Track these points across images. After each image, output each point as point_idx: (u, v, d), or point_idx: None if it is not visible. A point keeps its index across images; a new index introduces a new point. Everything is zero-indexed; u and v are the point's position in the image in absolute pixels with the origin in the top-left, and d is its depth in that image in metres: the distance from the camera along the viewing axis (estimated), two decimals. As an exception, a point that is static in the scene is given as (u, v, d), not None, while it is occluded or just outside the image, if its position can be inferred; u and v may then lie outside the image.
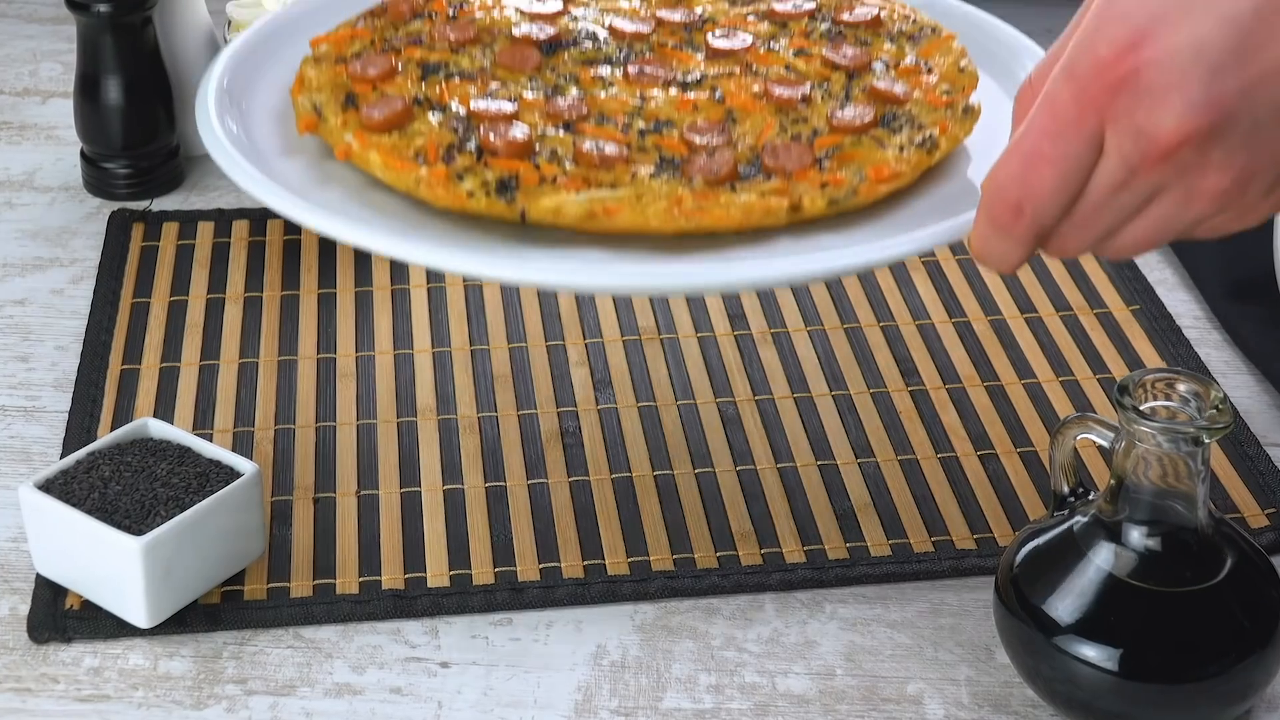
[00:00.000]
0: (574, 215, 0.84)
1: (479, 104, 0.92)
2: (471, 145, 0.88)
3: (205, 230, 1.23)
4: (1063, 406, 1.05)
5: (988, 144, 0.92)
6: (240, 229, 1.23)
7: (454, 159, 0.87)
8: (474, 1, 1.04)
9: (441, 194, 0.85)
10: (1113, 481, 0.79)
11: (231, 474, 0.90)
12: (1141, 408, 0.77)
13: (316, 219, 0.83)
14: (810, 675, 0.86)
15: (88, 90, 1.24)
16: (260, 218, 1.24)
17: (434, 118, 0.90)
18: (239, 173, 0.87)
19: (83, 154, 1.27)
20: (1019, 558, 0.82)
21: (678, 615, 0.90)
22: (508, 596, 0.90)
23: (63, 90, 1.43)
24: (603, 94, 0.94)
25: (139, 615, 0.87)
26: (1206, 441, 0.76)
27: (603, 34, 1.01)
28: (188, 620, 0.88)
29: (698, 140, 0.90)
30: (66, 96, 1.40)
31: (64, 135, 1.36)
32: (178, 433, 0.93)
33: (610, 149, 0.88)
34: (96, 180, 1.27)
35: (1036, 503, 0.97)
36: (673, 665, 0.87)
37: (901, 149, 0.89)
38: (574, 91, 0.95)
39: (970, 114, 0.93)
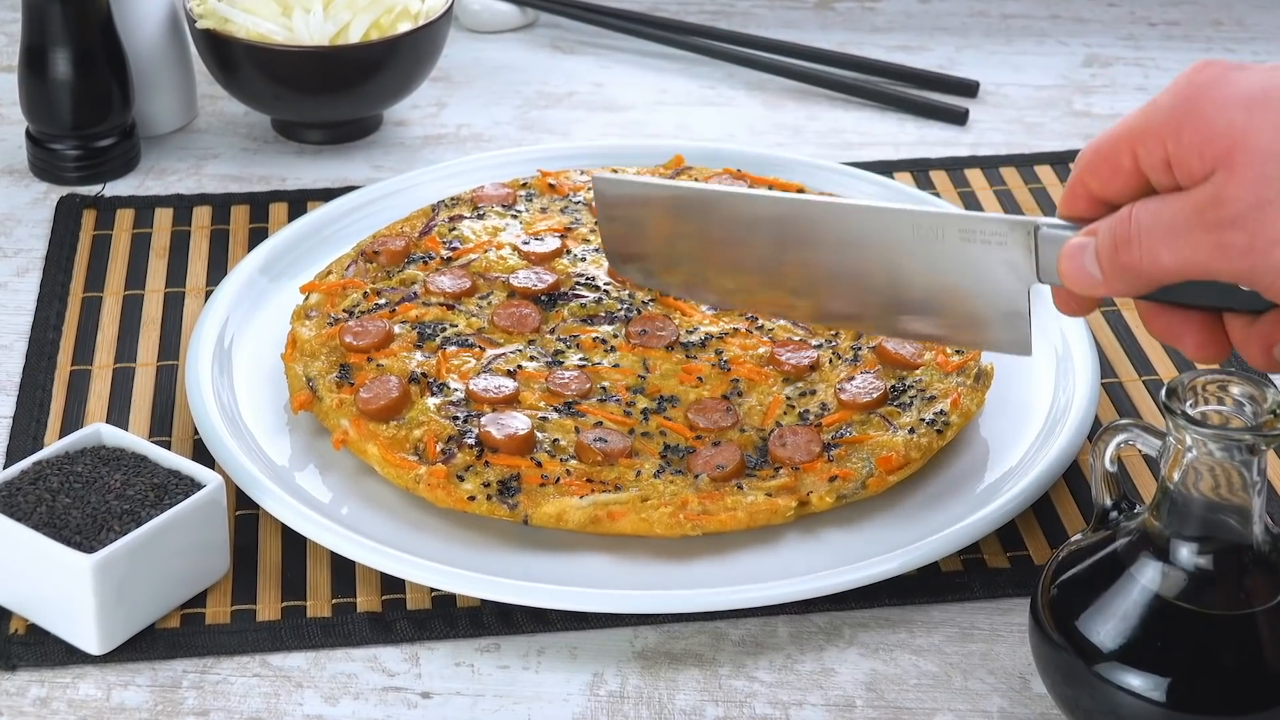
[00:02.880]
0: (577, 521, 0.92)
1: (478, 383, 0.99)
2: (471, 438, 0.95)
3: (163, 217, 1.23)
4: (1105, 411, 1.05)
5: (996, 401, 1.01)
6: (201, 216, 1.23)
7: (454, 455, 0.94)
8: (469, 239, 1.09)
9: (441, 495, 0.93)
10: (1160, 494, 0.79)
11: (192, 485, 0.90)
12: (1191, 413, 0.77)
13: (311, 529, 0.92)
14: (828, 707, 0.86)
15: (34, 64, 1.24)
16: (223, 204, 1.24)
17: (432, 402, 0.97)
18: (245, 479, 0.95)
19: (28, 134, 1.27)
20: (1057, 578, 0.82)
21: (682, 640, 0.90)
22: (495, 620, 0.90)
23: (6, 64, 1.43)
24: (604, 361, 1.01)
25: (90, 641, 0.87)
26: (1263, 450, 0.76)
27: (602, 277, 1.08)
28: (144, 646, 0.88)
29: (702, 424, 0.97)
30: (10, 71, 1.40)
31: (7, 113, 1.36)
32: (133, 440, 0.93)
33: (613, 441, 0.95)
34: (43, 162, 1.27)
35: (1076, 517, 0.97)
36: (676, 696, 0.87)
37: (911, 430, 0.96)
38: (575, 358, 1.01)
39: (983, 380, 1.00)
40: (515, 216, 1.15)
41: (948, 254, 0.87)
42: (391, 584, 0.92)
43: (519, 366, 1.01)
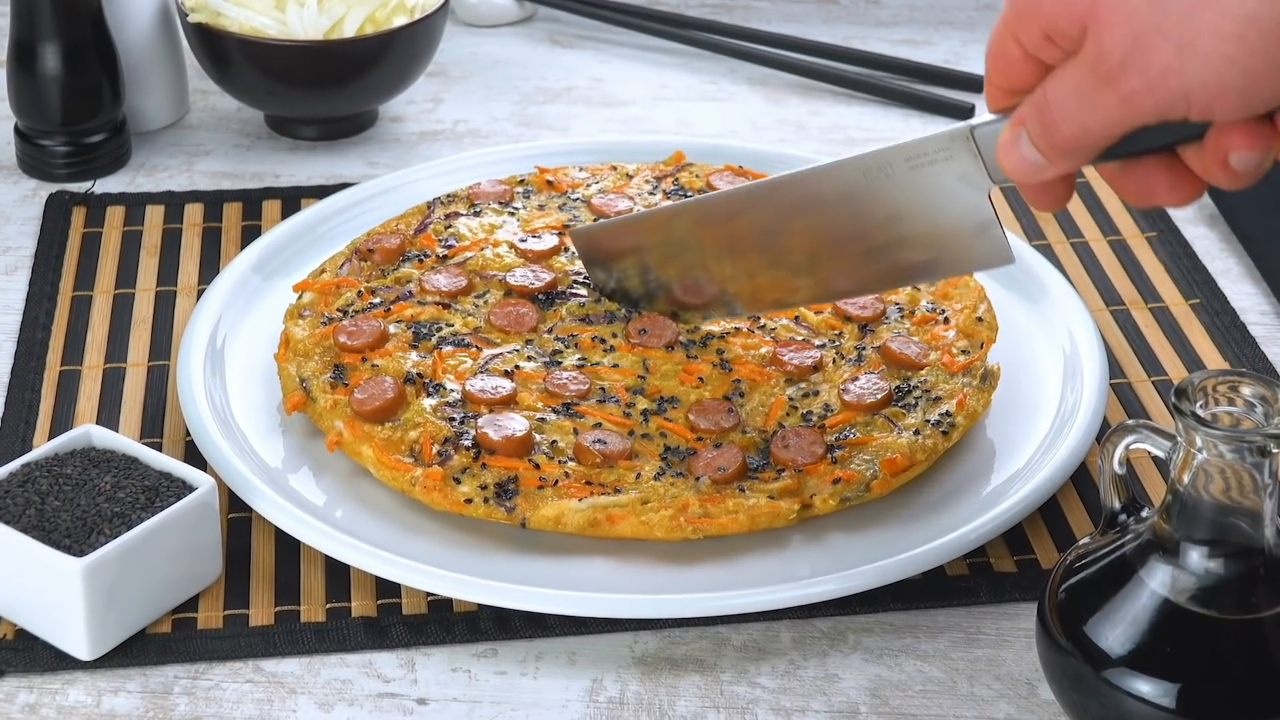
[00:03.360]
0: (576, 524, 0.92)
1: (475, 384, 0.99)
2: (468, 440, 0.95)
3: (154, 215, 1.23)
4: (1114, 412, 1.05)
5: (1003, 402, 1.01)
6: (193, 213, 1.23)
7: (450, 457, 0.94)
8: (465, 236, 1.09)
9: (438, 498, 0.93)
10: (1169, 496, 0.79)
11: (184, 488, 0.90)
12: (1202, 413, 0.77)
13: (306, 533, 0.92)
14: (831, 713, 0.86)
15: (22, 58, 1.24)
16: (215, 201, 1.24)
17: (428, 403, 0.97)
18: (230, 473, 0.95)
19: (17, 130, 1.27)
20: (1065, 582, 0.82)
21: (683, 646, 0.90)
22: (492, 625, 0.90)
23: (-5, 58, 1.43)
24: (603, 361, 1.01)
25: (80, 646, 0.87)
26: (1275, 451, 0.76)
27: None
28: (134, 652, 0.88)
29: (703, 425, 0.97)
30: (-1, 65, 1.41)
31: (-4, 109, 1.36)
32: (123, 441, 0.93)
33: (612, 443, 0.95)
34: (33, 159, 1.27)
35: (1084, 520, 0.97)
36: (677, 702, 0.87)
37: (916, 432, 0.96)
38: (573, 358, 1.01)
39: (989, 381, 1.00)
40: (512, 214, 1.15)
41: (903, 187, 0.89)
42: (387, 588, 0.92)
43: (516, 367, 1.01)
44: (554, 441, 0.96)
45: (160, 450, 1.00)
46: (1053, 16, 0.75)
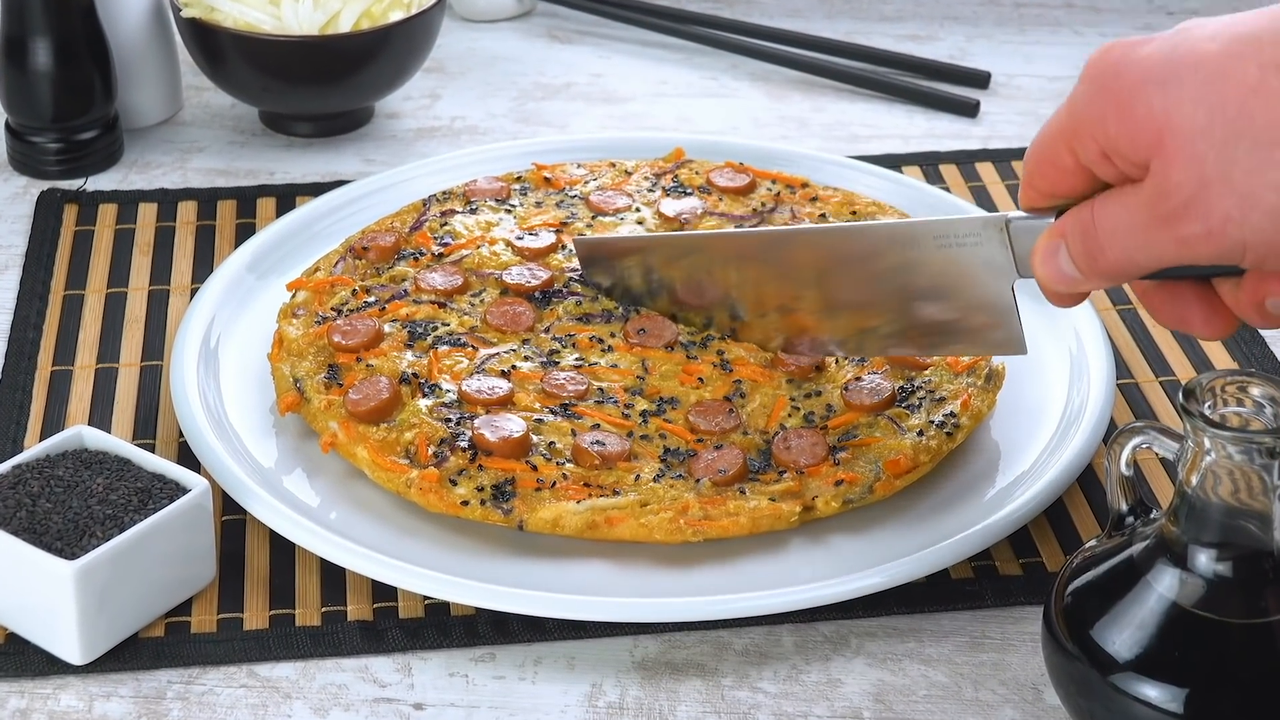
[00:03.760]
0: (574, 527, 0.92)
1: (471, 384, 0.99)
2: (464, 441, 0.95)
3: (147, 212, 1.23)
4: (1120, 413, 1.05)
5: (1008, 402, 1.01)
6: (186, 211, 1.23)
7: (446, 459, 0.94)
8: (461, 234, 1.09)
9: (434, 500, 0.93)
10: (1177, 499, 0.79)
11: (177, 490, 0.90)
12: (1210, 414, 0.77)
13: (298, 534, 0.92)
14: (834, 718, 0.86)
15: (13, 54, 1.24)
16: (209, 199, 1.24)
17: (423, 403, 0.97)
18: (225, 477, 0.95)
19: (7, 126, 1.27)
20: (1071, 585, 0.82)
21: (683, 650, 0.90)
22: (490, 629, 0.90)
23: (-15, 54, 1.43)
24: (601, 362, 1.01)
25: (71, 650, 0.87)
26: (1284, 453, 0.76)
27: None
28: (127, 656, 0.88)
29: (703, 426, 0.97)
30: (-11, 61, 1.40)
31: (-14, 105, 1.36)
32: (116, 443, 0.93)
33: (611, 444, 0.95)
34: (23, 156, 1.27)
35: (1091, 523, 0.97)
36: (678, 707, 0.87)
37: (920, 433, 0.96)
38: (571, 358, 1.01)
39: (994, 381, 1.01)
40: (509, 211, 1.15)
41: (927, 263, 0.89)
42: (383, 592, 0.92)
43: (513, 367, 1.01)
44: (552, 443, 0.96)
45: (153, 451, 1.00)
46: (1116, 139, 0.74)
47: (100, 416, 1.04)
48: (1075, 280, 0.79)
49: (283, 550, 0.94)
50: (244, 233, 1.20)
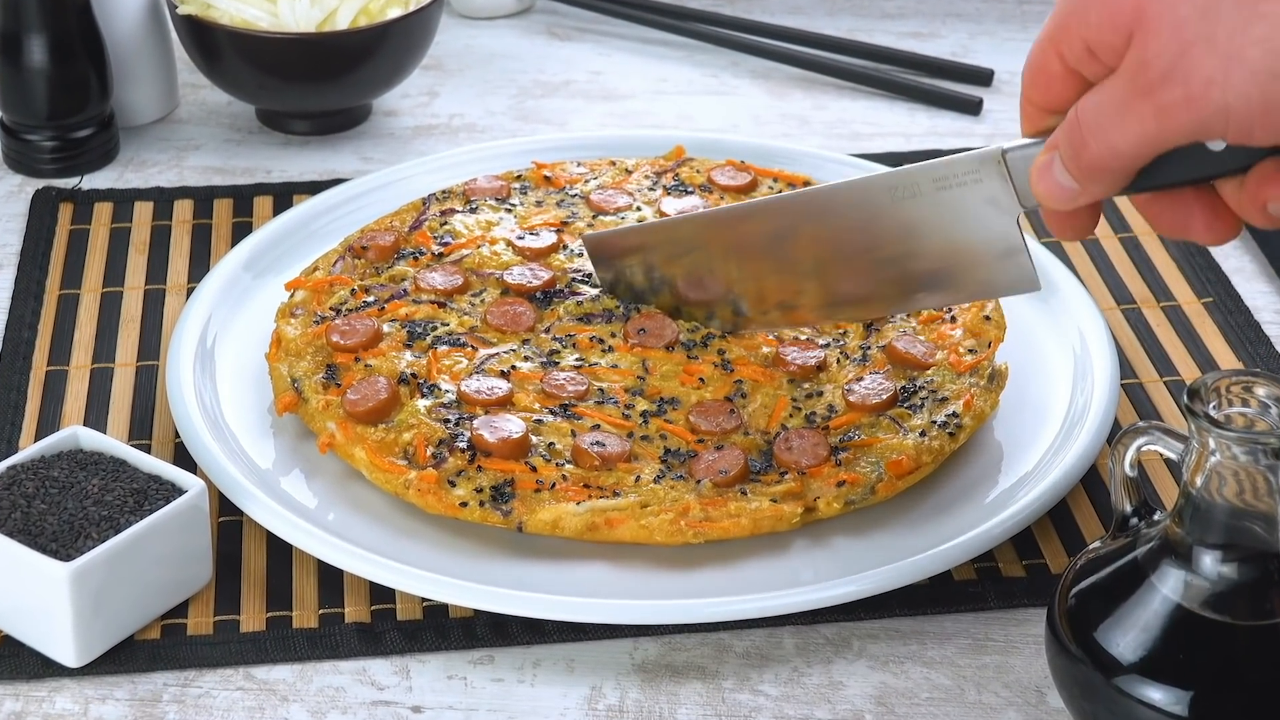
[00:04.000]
0: (573, 528, 0.92)
1: (470, 384, 0.99)
2: (463, 442, 0.95)
3: (143, 211, 1.23)
4: (1125, 414, 1.05)
5: (1011, 402, 1.01)
6: (183, 209, 1.23)
7: (445, 459, 0.94)
8: (461, 233, 1.09)
9: (433, 501, 0.92)
10: (1182, 500, 0.79)
11: (173, 491, 0.90)
12: (1215, 415, 0.77)
13: (297, 536, 0.92)
14: (835, 721, 0.86)
15: (8, 51, 1.24)
16: (205, 197, 1.24)
17: (422, 404, 0.97)
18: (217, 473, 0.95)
19: (2, 124, 1.27)
20: (1075, 587, 0.82)
21: (684, 652, 0.90)
22: (489, 631, 0.90)
23: (-20, 51, 1.43)
24: (601, 362, 1.01)
25: (67, 652, 0.87)
26: (1289, 454, 0.76)
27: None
28: (122, 658, 0.88)
29: (704, 427, 0.97)
30: (-16, 58, 1.40)
31: (-19, 103, 1.36)
32: (111, 443, 0.93)
33: (611, 445, 0.95)
34: (18, 154, 1.27)
35: (1095, 524, 0.97)
36: (678, 710, 0.87)
37: (922, 433, 0.96)
38: (571, 358, 1.01)
39: (997, 381, 1.00)
40: (509, 210, 1.15)
41: (930, 208, 0.88)
42: (381, 593, 0.92)
43: (513, 367, 1.01)
44: (551, 443, 0.96)
45: (149, 452, 1.00)
46: (1098, 25, 0.74)
47: (96, 417, 1.04)
48: (1072, 191, 0.79)
49: (280, 552, 0.94)
50: (241, 231, 1.20)
